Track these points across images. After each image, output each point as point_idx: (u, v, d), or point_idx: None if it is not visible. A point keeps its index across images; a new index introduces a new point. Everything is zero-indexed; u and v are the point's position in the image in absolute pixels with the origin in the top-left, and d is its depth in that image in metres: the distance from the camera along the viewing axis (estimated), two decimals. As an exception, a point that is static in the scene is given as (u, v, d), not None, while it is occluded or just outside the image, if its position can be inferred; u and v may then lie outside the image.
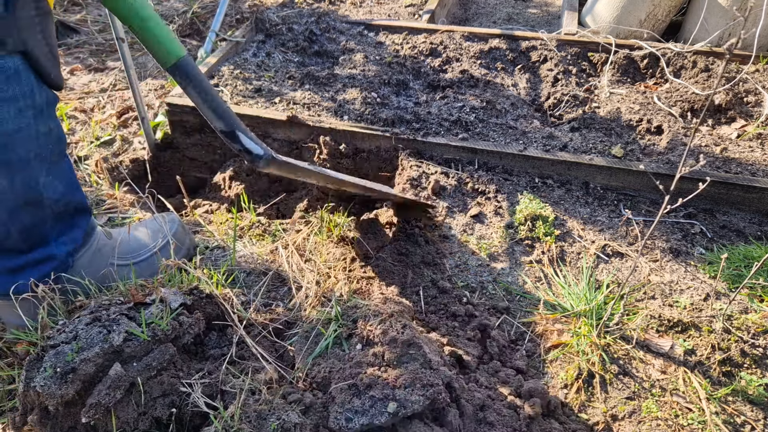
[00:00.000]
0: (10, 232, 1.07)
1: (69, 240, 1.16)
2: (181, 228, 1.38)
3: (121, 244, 1.29)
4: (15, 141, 0.98)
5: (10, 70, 0.93)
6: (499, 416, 1.00)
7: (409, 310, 1.18)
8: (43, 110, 1.01)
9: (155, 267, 1.29)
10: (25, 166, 1.01)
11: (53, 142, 1.05)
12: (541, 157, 1.62)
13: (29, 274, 1.11)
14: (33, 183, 1.04)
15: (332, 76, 2.03)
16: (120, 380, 0.89)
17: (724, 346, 1.16)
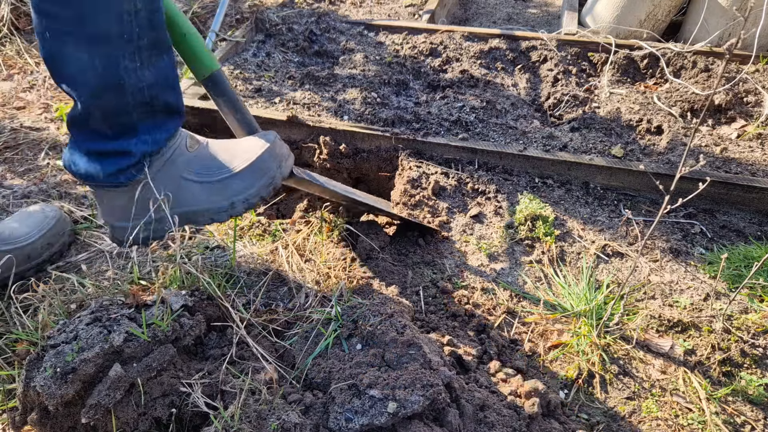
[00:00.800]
0: (92, 113, 1.03)
1: (151, 140, 1.09)
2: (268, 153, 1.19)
3: (199, 158, 1.17)
4: (94, 13, 0.93)
5: None
6: (499, 416, 1.00)
7: (409, 310, 1.18)
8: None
9: (231, 191, 1.16)
10: (104, 42, 0.96)
11: (141, 25, 0.99)
12: (541, 157, 1.62)
13: (109, 165, 1.07)
14: (113, 62, 0.99)
15: (332, 76, 2.03)
16: (120, 381, 0.89)
17: (724, 346, 1.16)
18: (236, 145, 1.22)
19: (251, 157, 1.17)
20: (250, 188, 1.17)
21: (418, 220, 1.50)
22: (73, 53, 0.97)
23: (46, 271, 1.34)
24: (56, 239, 1.38)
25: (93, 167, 1.07)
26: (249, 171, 1.16)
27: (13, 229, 1.32)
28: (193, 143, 1.18)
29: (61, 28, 0.94)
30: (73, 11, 0.93)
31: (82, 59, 0.97)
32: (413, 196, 1.57)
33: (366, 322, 1.07)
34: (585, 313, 1.23)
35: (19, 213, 1.39)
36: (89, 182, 1.09)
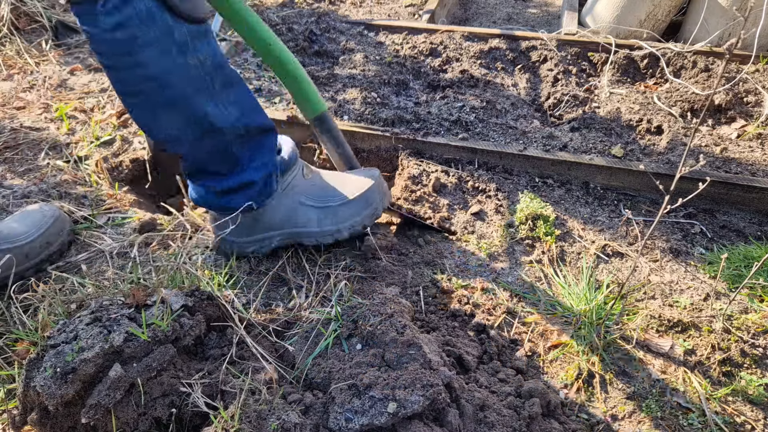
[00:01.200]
0: (201, 159, 1.14)
1: (261, 164, 1.21)
2: (377, 187, 1.34)
3: (316, 185, 1.31)
4: (169, 81, 1.01)
5: (143, 12, 0.94)
6: (499, 416, 1.00)
7: (409, 310, 1.18)
8: (187, 44, 1.01)
9: (340, 217, 1.29)
10: (187, 100, 1.05)
11: (209, 72, 1.07)
12: (541, 157, 1.62)
13: (237, 200, 1.20)
14: (200, 114, 1.07)
15: (332, 76, 2.03)
16: (120, 381, 0.89)
17: (724, 346, 1.16)
18: (346, 177, 1.37)
19: (362, 189, 1.32)
20: (356, 216, 1.32)
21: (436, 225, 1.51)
22: (164, 117, 1.07)
23: (45, 270, 1.34)
24: (55, 238, 1.38)
25: (227, 201, 1.22)
26: (358, 201, 1.32)
27: (12, 228, 1.32)
28: (308, 172, 1.34)
29: (147, 99, 1.04)
30: (151, 83, 1.02)
31: (173, 119, 1.08)
32: (414, 191, 1.57)
33: (366, 322, 1.07)
34: (585, 313, 1.23)
35: (18, 213, 1.39)
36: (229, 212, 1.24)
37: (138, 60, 0.97)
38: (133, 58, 0.97)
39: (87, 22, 0.93)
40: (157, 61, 0.98)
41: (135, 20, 0.94)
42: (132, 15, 0.93)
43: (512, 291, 1.35)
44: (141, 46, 0.96)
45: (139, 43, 0.95)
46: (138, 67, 0.98)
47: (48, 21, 2.44)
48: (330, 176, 1.36)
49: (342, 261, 1.37)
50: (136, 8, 0.93)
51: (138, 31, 0.94)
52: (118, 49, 0.96)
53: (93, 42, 0.96)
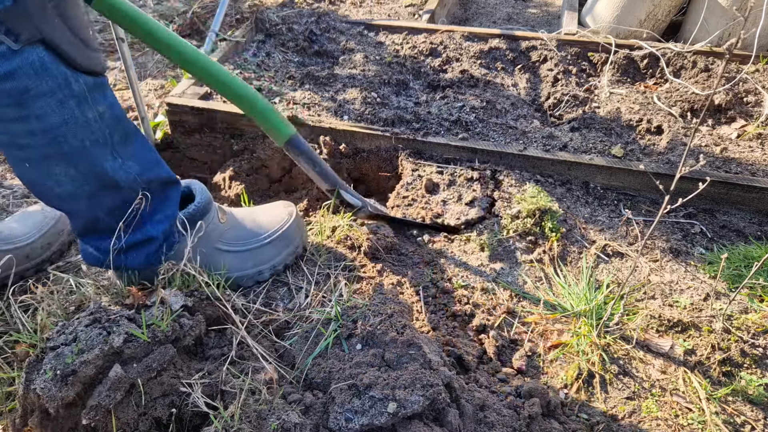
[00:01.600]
0: (98, 216, 1.07)
1: (164, 218, 1.15)
2: (295, 224, 1.33)
3: (232, 229, 1.27)
4: (65, 133, 0.96)
5: (36, 63, 0.88)
6: (499, 416, 1.00)
7: (409, 310, 1.18)
8: (86, 97, 0.97)
9: (260, 259, 1.27)
10: (84, 154, 0.99)
11: (108, 124, 1.02)
12: (541, 157, 1.62)
13: (135, 257, 1.13)
14: (99, 169, 1.02)
15: (332, 76, 2.03)
16: (120, 382, 0.89)
17: (724, 346, 1.16)
18: (262, 215, 1.34)
19: (280, 227, 1.30)
20: (277, 256, 1.30)
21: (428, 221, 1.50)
22: (57, 171, 1.00)
23: (45, 270, 1.34)
24: (55, 239, 1.38)
25: (125, 260, 1.15)
26: (279, 241, 1.29)
27: (13, 228, 1.32)
28: (223, 215, 1.28)
29: (40, 153, 0.97)
30: (46, 137, 0.95)
31: (70, 174, 1.01)
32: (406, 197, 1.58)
33: (366, 322, 1.07)
34: (585, 313, 1.23)
35: (19, 213, 1.39)
36: (127, 271, 1.17)
37: (30, 112, 0.91)
38: (25, 110, 0.90)
39: None
40: (52, 113, 0.92)
41: (27, 70, 0.87)
42: (22, 65, 0.87)
43: (512, 291, 1.35)
44: (34, 98, 0.90)
45: (31, 94, 0.89)
46: (29, 119, 0.92)
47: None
48: (245, 215, 1.33)
49: (342, 261, 1.37)
50: (28, 59, 0.87)
51: (30, 82, 0.88)
52: (7, 100, 0.89)
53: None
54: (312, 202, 1.73)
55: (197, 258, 1.19)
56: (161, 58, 2.55)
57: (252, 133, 1.82)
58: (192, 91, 1.91)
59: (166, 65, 2.50)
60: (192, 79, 1.95)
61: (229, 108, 1.80)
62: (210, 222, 1.22)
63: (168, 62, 2.52)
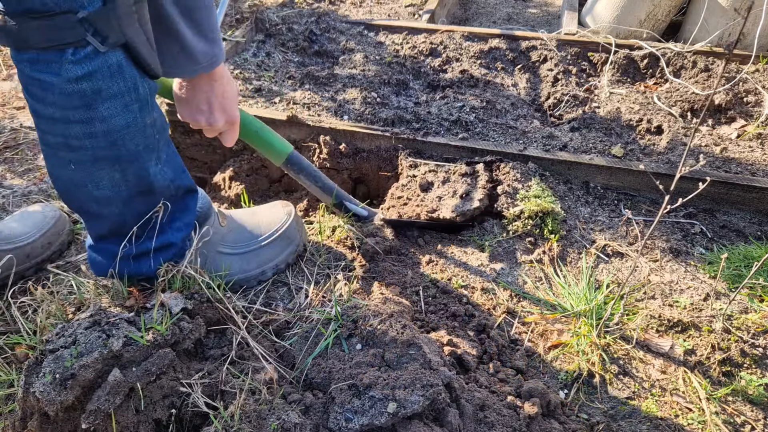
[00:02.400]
0: (126, 221, 1.07)
1: (183, 225, 1.16)
2: (295, 223, 1.33)
3: (232, 231, 1.27)
4: (124, 136, 0.96)
5: (114, 66, 0.89)
6: (499, 416, 1.00)
7: (409, 310, 1.18)
8: (147, 102, 0.98)
9: (262, 259, 1.28)
10: (136, 158, 1.00)
11: (159, 131, 1.04)
12: (541, 157, 1.62)
13: (147, 264, 1.13)
14: (144, 173, 1.03)
15: (332, 76, 2.03)
16: (119, 386, 0.88)
17: (724, 346, 1.16)
18: (261, 216, 1.34)
19: (280, 227, 1.31)
20: (279, 255, 1.31)
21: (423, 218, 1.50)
22: (102, 175, 1.00)
23: (46, 270, 1.34)
24: (56, 238, 1.38)
25: (141, 267, 1.14)
26: (279, 241, 1.30)
27: (13, 228, 1.32)
28: (222, 218, 1.28)
29: (92, 155, 0.97)
30: (106, 140, 0.96)
31: (115, 178, 1.01)
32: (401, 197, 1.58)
33: (366, 322, 1.07)
34: (585, 313, 1.23)
35: (19, 213, 1.39)
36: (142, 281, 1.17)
37: (96, 114, 0.91)
38: (92, 112, 0.91)
39: (48, 70, 0.85)
40: (117, 116, 0.93)
41: (105, 72, 0.88)
42: (102, 67, 0.88)
43: (512, 291, 1.35)
44: (104, 100, 0.91)
45: (102, 96, 0.90)
46: (94, 121, 0.92)
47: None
48: (244, 217, 1.33)
49: (342, 261, 1.37)
50: (108, 61, 0.88)
51: (104, 83, 0.89)
52: (77, 101, 0.89)
53: (48, 92, 0.88)
54: (312, 202, 1.73)
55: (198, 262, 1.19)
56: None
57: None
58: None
59: (166, 65, 2.50)
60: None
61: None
62: (211, 226, 1.23)
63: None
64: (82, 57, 0.86)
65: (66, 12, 0.81)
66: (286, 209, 1.35)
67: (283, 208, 1.36)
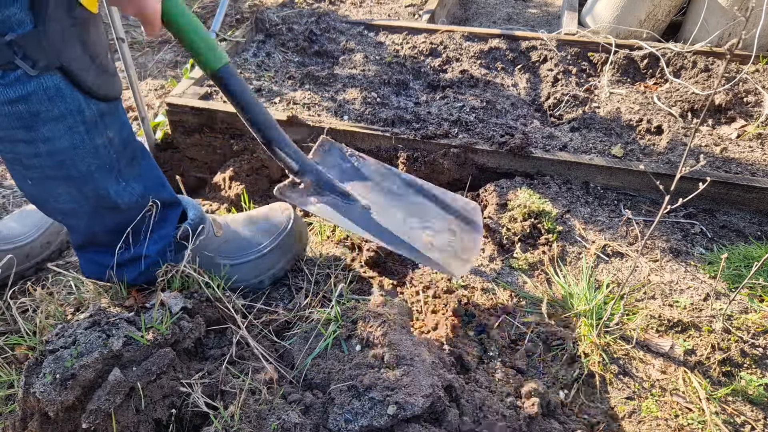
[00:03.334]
0: (96, 233, 1.07)
1: (159, 237, 1.15)
2: (294, 229, 1.30)
3: (229, 241, 1.25)
4: (72, 157, 0.95)
5: (51, 89, 0.87)
6: (499, 416, 1.00)
7: (408, 311, 1.18)
8: (96, 123, 0.95)
9: (260, 269, 1.26)
10: (89, 178, 0.99)
11: (116, 150, 1.01)
12: (541, 157, 1.62)
13: (128, 271, 1.13)
14: (103, 192, 1.01)
15: (332, 76, 2.03)
16: (119, 386, 0.88)
17: (724, 346, 1.16)
18: (259, 222, 1.31)
19: (278, 235, 1.28)
20: (276, 264, 1.29)
21: None
22: (59, 191, 0.99)
23: (45, 270, 1.34)
24: (54, 238, 1.38)
25: (122, 276, 1.15)
26: (276, 250, 1.27)
27: (12, 228, 1.32)
28: (218, 228, 1.26)
29: (42, 174, 0.96)
30: (52, 160, 0.94)
31: (70, 194, 1.00)
32: None
33: (366, 323, 1.06)
34: (585, 313, 1.23)
35: (17, 212, 1.39)
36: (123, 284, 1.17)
37: (37, 135, 0.90)
38: (33, 133, 0.89)
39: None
40: (61, 137, 0.91)
41: (41, 95, 0.86)
42: (37, 90, 0.85)
43: (512, 291, 1.35)
44: (43, 122, 0.89)
45: (41, 118, 0.88)
46: (37, 142, 0.91)
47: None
48: (242, 224, 1.30)
49: (342, 261, 1.37)
50: (43, 84, 0.86)
51: (42, 107, 0.87)
52: (16, 123, 0.87)
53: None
54: (312, 202, 1.73)
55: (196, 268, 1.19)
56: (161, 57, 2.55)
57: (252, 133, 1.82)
58: (192, 91, 1.90)
59: (166, 65, 2.50)
60: (192, 79, 1.95)
61: (230, 108, 1.80)
62: (204, 237, 1.21)
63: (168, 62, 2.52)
64: (12, 80, 0.83)
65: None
66: (286, 214, 1.32)
67: (282, 213, 1.32)
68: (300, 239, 1.33)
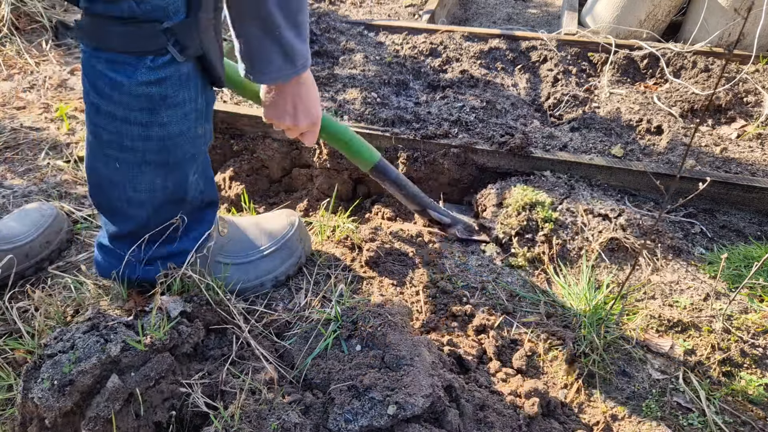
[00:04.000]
0: (149, 225, 1.07)
1: (198, 235, 1.16)
2: (298, 233, 1.30)
3: (232, 241, 1.25)
4: (176, 144, 0.98)
5: (184, 75, 0.92)
6: (499, 416, 1.00)
7: (408, 311, 1.18)
8: (203, 113, 0.99)
9: (261, 270, 1.25)
10: (181, 166, 1.01)
11: (206, 142, 1.05)
12: (541, 157, 1.62)
13: (152, 270, 1.13)
14: (183, 182, 1.04)
15: (332, 76, 2.03)
16: (118, 392, 0.88)
17: (724, 346, 1.16)
18: (264, 225, 1.31)
19: (282, 238, 1.28)
20: (279, 267, 1.28)
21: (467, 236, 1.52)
22: (144, 178, 1.00)
23: (45, 269, 1.34)
24: (54, 237, 1.38)
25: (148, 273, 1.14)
26: (280, 252, 1.27)
27: (11, 228, 1.32)
28: (224, 226, 1.26)
29: (141, 158, 0.98)
30: (159, 144, 0.97)
31: (156, 183, 1.01)
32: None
33: (366, 323, 1.06)
34: (585, 313, 1.23)
35: (17, 212, 1.39)
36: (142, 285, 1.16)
37: (157, 119, 0.93)
38: (154, 117, 0.93)
39: (123, 71, 0.87)
40: (175, 123, 0.95)
41: (175, 80, 0.91)
42: (173, 74, 0.90)
43: (512, 291, 1.35)
44: (168, 106, 0.93)
45: (167, 103, 0.92)
46: (153, 126, 0.94)
47: (48, 21, 2.45)
48: (247, 225, 1.31)
49: (342, 261, 1.37)
50: (180, 69, 0.91)
51: (172, 90, 0.91)
52: (144, 104, 0.91)
53: (116, 91, 0.89)
54: (312, 202, 1.73)
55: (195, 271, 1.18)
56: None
57: (252, 133, 1.82)
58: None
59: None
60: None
61: (229, 108, 1.80)
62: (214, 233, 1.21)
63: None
64: (159, 64, 0.88)
65: (152, 21, 0.84)
66: (290, 219, 1.32)
67: (286, 217, 1.33)
68: (303, 244, 1.33)
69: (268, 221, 1.33)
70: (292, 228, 1.30)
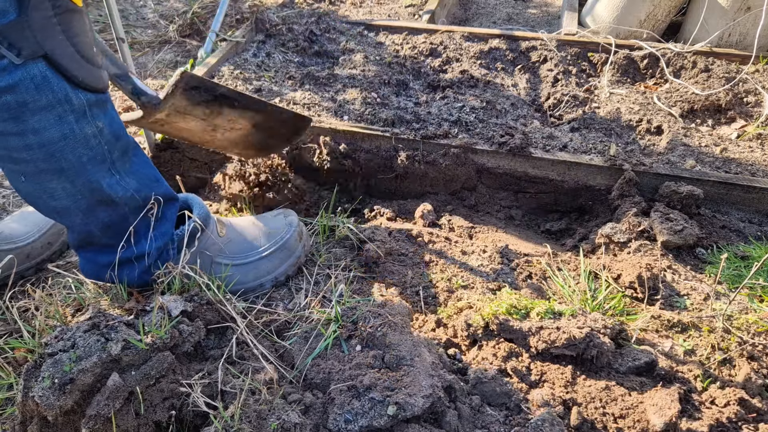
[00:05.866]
0: (91, 231, 1.06)
1: (158, 234, 1.14)
2: (297, 233, 1.30)
3: (231, 242, 1.24)
4: (63, 148, 0.95)
5: (38, 77, 0.88)
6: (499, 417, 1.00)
7: (408, 311, 1.18)
8: (85, 112, 0.96)
9: (261, 271, 1.25)
10: (81, 170, 0.99)
11: (107, 141, 1.02)
12: (541, 157, 1.62)
13: (128, 272, 1.12)
14: (96, 185, 1.02)
15: (332, 76, 2.03)
16: (118, 390, 0.88)
17: (724, 346, 1.16)
18: (262, 226, 1.30)
19: (281, 238, 1.27)
20: (279, 267, 1.28)
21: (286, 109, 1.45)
22: (52, 186, 0.99)
23: (46, 270, 1.34)
24: (56, 238, 1.38)
25: (122, 276, 1.13)
26: (279, 252, 1.27)
27: (13, 228, 1.32)
28: (222, 227, 1.26)
29: (34, 167, 0.96)
30: (43, 152, 0.94)
31: (67, 189, 1.00)
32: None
33: (366, 323, 1.07)
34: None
35: (18, 213, 1.39)
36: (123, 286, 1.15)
37: (27, 126, 0.90)
38: (22, 125, 0.90)
39: None
40: (50, 127, 0.92)
41: (28, 84, 0.87)
42: (24, 79, 0.86)
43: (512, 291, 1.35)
44: (32, 112, 0.89)
45: (30, 108, 0.89)
46: (26, 134, 0.91)
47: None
48: (245, 226, 1.31)
49: (342, 261, 1.37)
50: (30, 73, 0.87)
51: (29, 96, 0.88)
52: (5, 114, 0.88)
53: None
54: (312, 202, 1.73)
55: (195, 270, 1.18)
56: (161, 58, 2.55)
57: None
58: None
59: (167, 65, 2.50)
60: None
61: (229, 108, 1.80)
62: (208, 237, 1.21)
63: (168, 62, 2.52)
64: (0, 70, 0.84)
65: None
66: (289, 219, 1.32)
67: (285, 217, 1.33)
68: (302, 244, 1.33)
69: (267, 221, 1.33)
70: (290, 228, 1.30)
